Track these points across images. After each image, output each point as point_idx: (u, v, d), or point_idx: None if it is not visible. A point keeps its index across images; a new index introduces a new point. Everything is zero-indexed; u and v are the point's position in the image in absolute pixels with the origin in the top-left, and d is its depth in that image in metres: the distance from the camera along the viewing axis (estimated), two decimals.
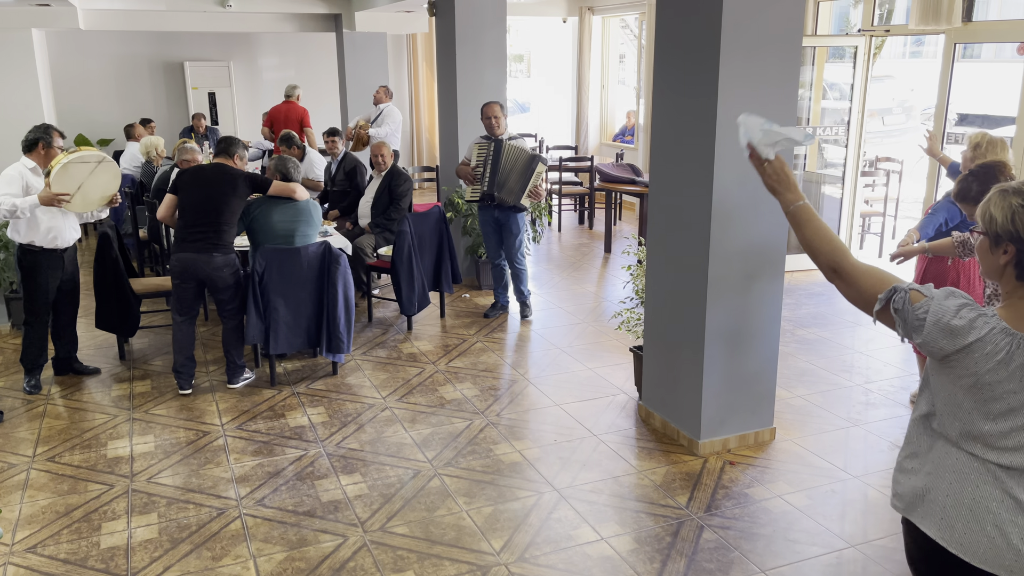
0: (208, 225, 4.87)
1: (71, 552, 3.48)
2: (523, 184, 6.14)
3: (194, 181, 4.95)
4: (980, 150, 4.41)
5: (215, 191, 4.88)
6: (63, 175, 4.74)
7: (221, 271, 4.92)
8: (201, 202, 4.88)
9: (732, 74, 3.80)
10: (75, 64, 11.92)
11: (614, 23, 11.83)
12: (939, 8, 6.53)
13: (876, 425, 4.59)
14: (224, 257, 4.93)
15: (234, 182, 4.94)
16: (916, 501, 2.05)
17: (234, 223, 4.98)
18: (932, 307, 1.91)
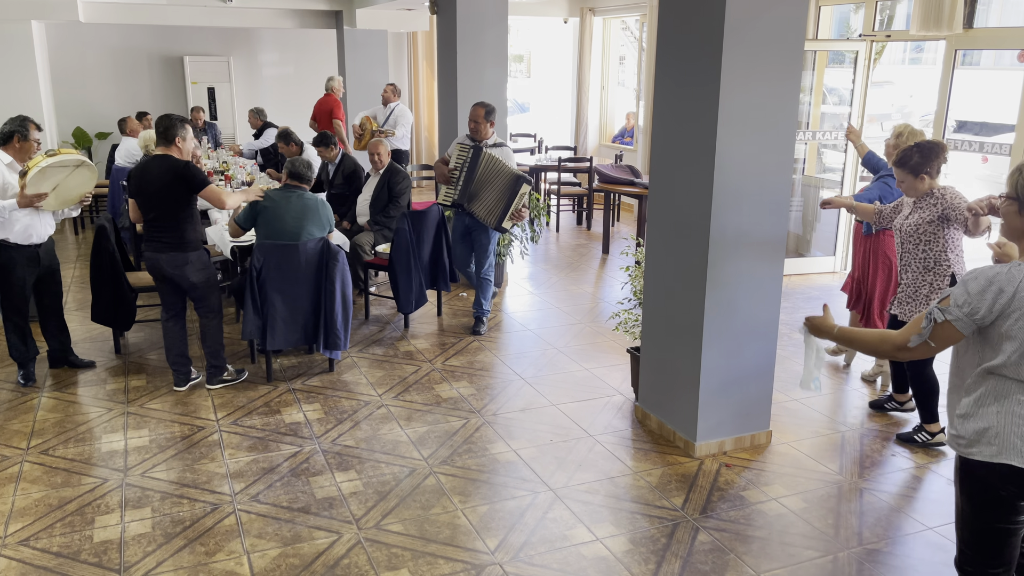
0: (162, 224, 4.69)
1: (64, 545, 3.46)
2: (505, 205, 5.83)
3: (140, 179, 4.71)
4: (902, 138, 4.83)
5: (159, 187, 4.63)
6: (40, 178, 4.69)
7: (183, 270, 4.76)
8: (150, 200, 4.68)
9: (734, 76, 3.79)
10: (74, 57, 11.89)
11: (615, 24, 11.83)
12: (940, 14, 6.53)
13: (872, 429, 4.59)
14: (183, 255, 4.74)
15: (175, 174, 4.62)
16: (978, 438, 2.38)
17: (190, 216, 4.73)
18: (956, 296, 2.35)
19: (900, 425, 4.65)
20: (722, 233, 4.00)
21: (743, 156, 3.94)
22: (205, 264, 4.86)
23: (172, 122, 4.70)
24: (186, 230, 4.73)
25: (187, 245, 4.75)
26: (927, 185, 4.18)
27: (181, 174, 4.62)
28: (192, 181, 4.66)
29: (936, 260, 4.17)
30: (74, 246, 9.10)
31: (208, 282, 4.87)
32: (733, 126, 3.87)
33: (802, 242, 8.17)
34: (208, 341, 5.00)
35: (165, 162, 4.64)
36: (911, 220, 4.25)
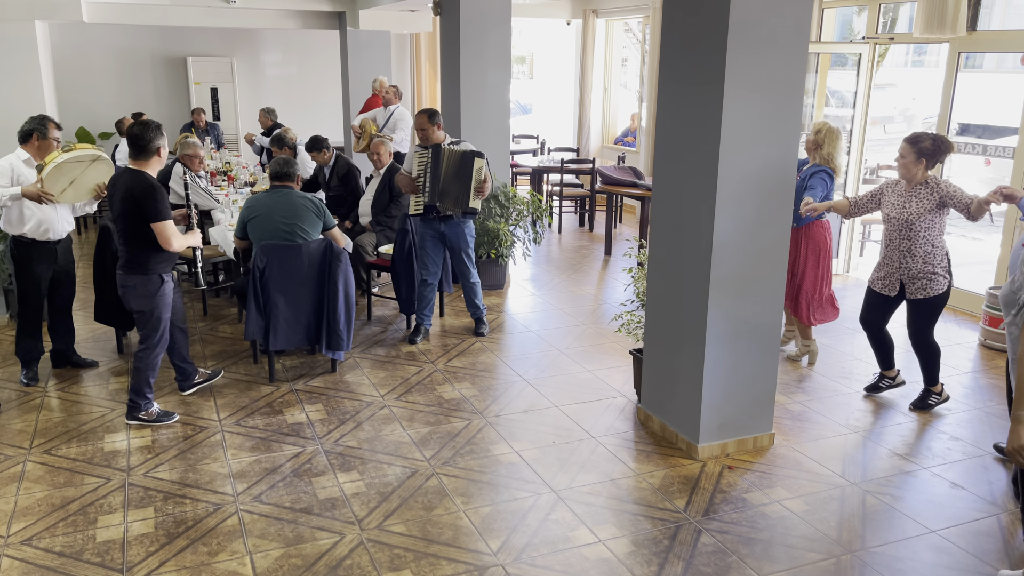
0: (121, 239, 4.41)
1: (66, 545, 3.46)
2: (466, 187, 5.66)
3: (111, 190, 4.44)
4: (820, 135, 5.24)
5: (120, 203, 4.31)
6: (56, 174, 4.71)
7: (124, 291, 4.47)
8: (114, 214, 4.39)
9: (737, 78, 3.79)
10: (77, 57, 11.91)
11: (617, 26, 11.83)
12: (944, 17, 6.53)
13: (875, 432, 4.59)
14: (127, 276, 4.42)
15: (135, 197, 4.24)
16: None
17: (143, 239, 4.34)
18: None
19: (903, 428, 4.65)
20: (725, 235, 4.00)
21: (746, 158, 3.94)
22: (149, 293, 4.43)
23: (151, 133, 4.29)
24: (138, 252, 4.37)
25: (133, 267, 4.40)
26: (922, 174, 4.57)
27: (140, 199, 4.24)
28: (147, 210, 4.26)
29: (934, 243, 4.59)
30: (77, 246, 9.10)
31: (147, 312, 4.47)
32: (736, 128, 3.87)
33: None
34: (134, 373, 4.57)
35: (133, 179, 4.29)
36: (912, 209, 4.57)
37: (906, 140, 4.61)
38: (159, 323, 4.51)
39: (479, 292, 6.12)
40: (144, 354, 4.54)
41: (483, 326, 6.16)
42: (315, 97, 13.17)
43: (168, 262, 4.48)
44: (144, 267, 4.41)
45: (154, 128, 4.32)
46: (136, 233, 4.33)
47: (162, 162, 4.41)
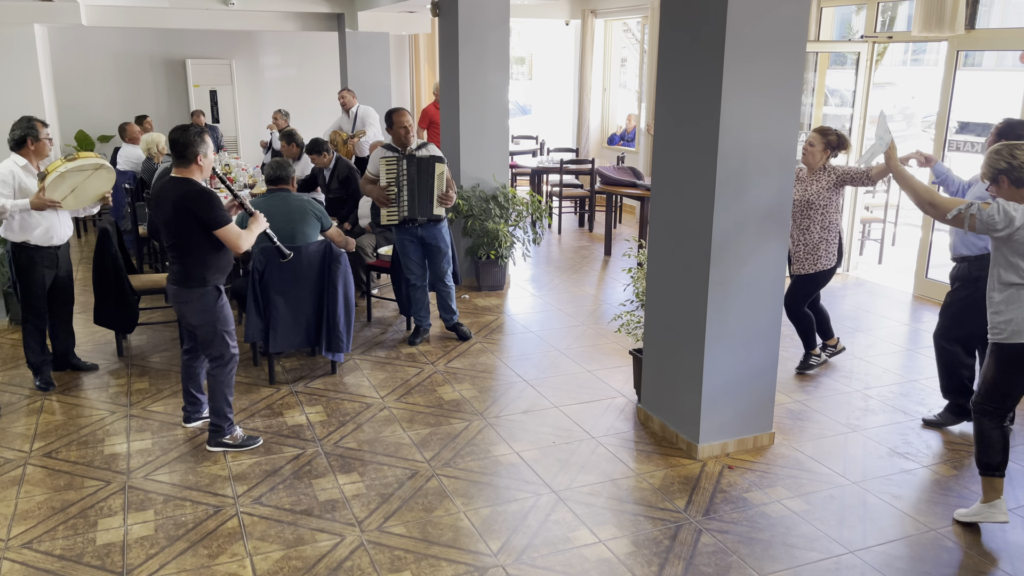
0: (173, 253, 4.13)
1: (67, 548, 3.46)
2: (429, 194, 5.60)
3: (155, 203, 4.18)
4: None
5: (171, 215, 4.03)
6: (59, 181, 4.72)
7: (182, 307, 4.19)
8: (162, 227, 4.11)
9: (736, 77, 3.79)
10: (76, 60, 11.92)
11: (616, 26, 11.84)
12: (942, 15, 6.53)
13: (875, 431, 4.58)
14: (185, 291, 4.13)
15: (188, 206, 3.99)
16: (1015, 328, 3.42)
17: (201, 250, 4.08)
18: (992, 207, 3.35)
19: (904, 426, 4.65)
20: (724, 234, 3.99)
21: (745, 157, 3.94)
22: (207, 307, 4.16)
23: (190, 138, 4.02)
24: (192, 264, 4.10)
25: (191, 280, 4.11)
26: (823, 162, 5.12)
27: (194, 208, 3.98)
28: (206, 218, 4.00)
29: (830, 221, 5.10)
30: (77, 249, 9.11)
31: (210, 326, 4.19)
32: (735, 127, 3.87)
33: None
34: (211, 394, 4.32)
35: (181, 188, 4.02)
36: (811, 190, 5.08)
37: (816, 131, 5.13)
38: (225, 336, 4.23)
39: (453, 296, 6.04)
40: (217, 372, 4.27)
41: (463, 327, 6.09)
42: (315, 99, 13.17)
43: (224, 272, 4.21)
44: (201, 279, 4.12)
45: (195, 133, 4.04)
46: (189, 244, 4.04)
47: (204, 169, 4.11)
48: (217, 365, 4.27)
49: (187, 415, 4.62)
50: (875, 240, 8.66)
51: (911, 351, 5.88)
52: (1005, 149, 3.42)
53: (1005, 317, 3.44)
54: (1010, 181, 3.39)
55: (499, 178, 7.39)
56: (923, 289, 7.12)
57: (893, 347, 5.90)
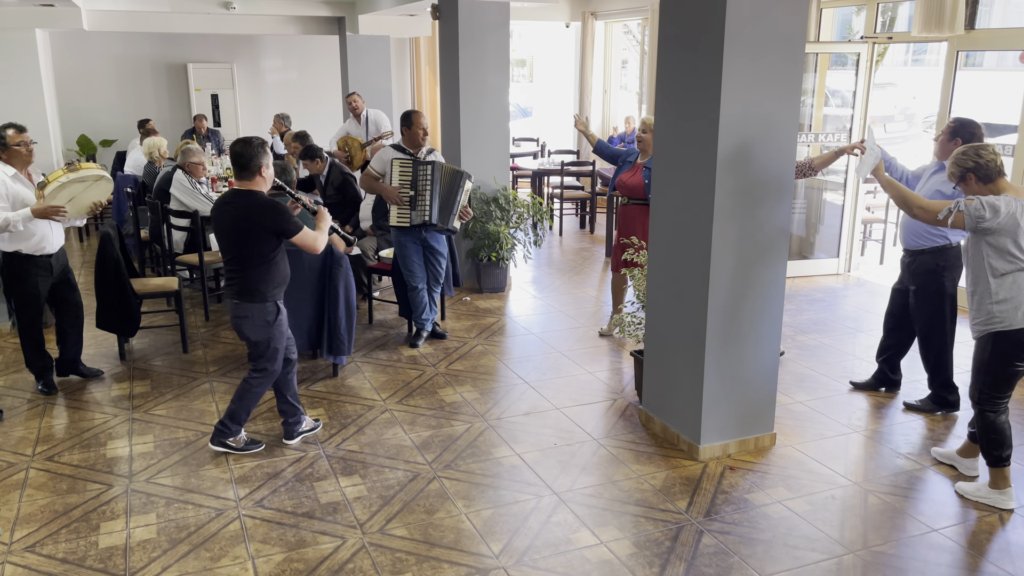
0: (234, 267, 4.08)
1: (69, 551, 3.47)
2: (454, 206, 5.73)
3: (219, 216, 4.08)
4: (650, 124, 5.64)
5: (239, 229, 4.01)
6: (59, 191, 4.70)
7: (239, 322, 4.12)
8: (226, 242, 4.07)
9: (735, 79, 3.80)
10: (78, 65, 11.95)
11: (617, 28, 11.85)
12: (942, 16, 6.53)
13: (876, 432, 4.58)
14: (245, 306, 4.07)
15: (261, 219, 3.96)
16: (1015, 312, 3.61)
17: (266, 264, 4.05)
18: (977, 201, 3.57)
19: (905, 426, 4.64)
20: (724, 236, 4.00)
21: (745, 158, 3.94)
22: (267, 323, 4.12)
23: (253, 151, 3.97)
24: (254, 279, 4.05)
25: (249, 294, 4.07)
26: None
27: (267, 220, 3.96)
28: (282, 228, 3.99)
29: None
30: (79, 253, 9.13)
31: (264, 342, 4.16)
32: (735, 129, 3.87)
33: (805, 244, 8.17)
34: (238, 397, 4.27)
35: (248, 200, 3.98)
36: None
37: None
38: (275, 353, 4.21)
39: (437, 298, 6.10)
40: (254, 381, 4.23)
41: (438, 327, 6.11)
42: (316, 103, 13.20)
43: (282, 287, 4.18)
44: (262, 294, 4.07)
45: (257, 145, 3.98)
46: (253, 258, 4.01)
47: (267, 180, 4.06)
48: (260, 376, 4.24)
49: (291, 430, 4.47)
50: (876, 240, 8.66)
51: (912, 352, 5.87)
52: (971, 150, 3.69)
53: (1009, 304, 3.60)
54: (977, 178, 3.66)
55: (500, 180, 7.40)
56: None
57: None
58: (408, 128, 5.75)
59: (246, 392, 4.25)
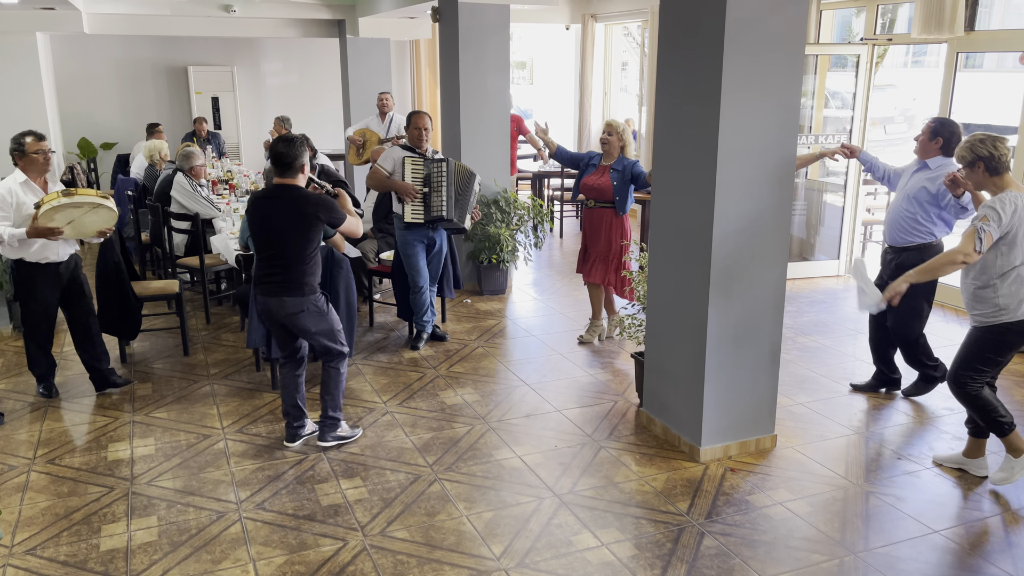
0: (279, 263, 4.12)
1: (70, 554, 3.47)
2: (468, 204, 5.87)
3: (260, 212, 4.13)
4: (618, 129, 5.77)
5: (285, 224, 4.07)
6: (52, 214, 4.54)
7: (296, 317, 4.16)
8: (270, 237, 4.11)
9: (734, 80, 3.80)
10: (79, 68, 11.95)
11: (617, 31, 11.86)
12: (942, 17, 6.54)
13: (877, 433, 4.58)
14: (298, 300, 4.13)
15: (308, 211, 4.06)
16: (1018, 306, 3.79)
17: (314, 256, 4.17)
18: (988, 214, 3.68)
19: (906, 427, 4.64)
20: (725, 238, 4.00)
21: (745, 160, 3.94)
22: (322, 310, 4.23)
23: (296, 150, 4.09)
24: (303, 272, 4.13)
25: (301, 288, 4.13)
26: None
27: (320, 212, 4.08)
28: (332, 219, 4.15)
29: None
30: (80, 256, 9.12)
31: (328, 329, 4.27)
32: (735, 131, 3.87)
33: (806, 246, 8.17)
34: (330, 388, 4.39)
35: (294, 194, 4.08)
36: None
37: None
38: (340, 333, 4.35)
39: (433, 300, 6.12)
40: (338, 365, 4.38)
41: (438, 329, 6.14)
42: (316, 105, 13.21)
43: (320, 275, 4.30)
44: (311, 286, 4.17)
45: (299, 144, 4.12)
46: (304, 251, 4.10)
47: (304, 176, 4.19)
48: (339, 361, 4.38)
49: (294, 433, 4.45)
50: (876, 242, 8.66)
51: None
52: (989, 140, 3.77)
53: (1015, 299, 3.77)
54: (987, 168, 3.77)
55: (500, 182, 7.40)
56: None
57: None
58: (407, 128, 5.86)
59: (336, 379, 4.38)
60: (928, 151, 4.66)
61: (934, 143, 4.63)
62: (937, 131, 4.63)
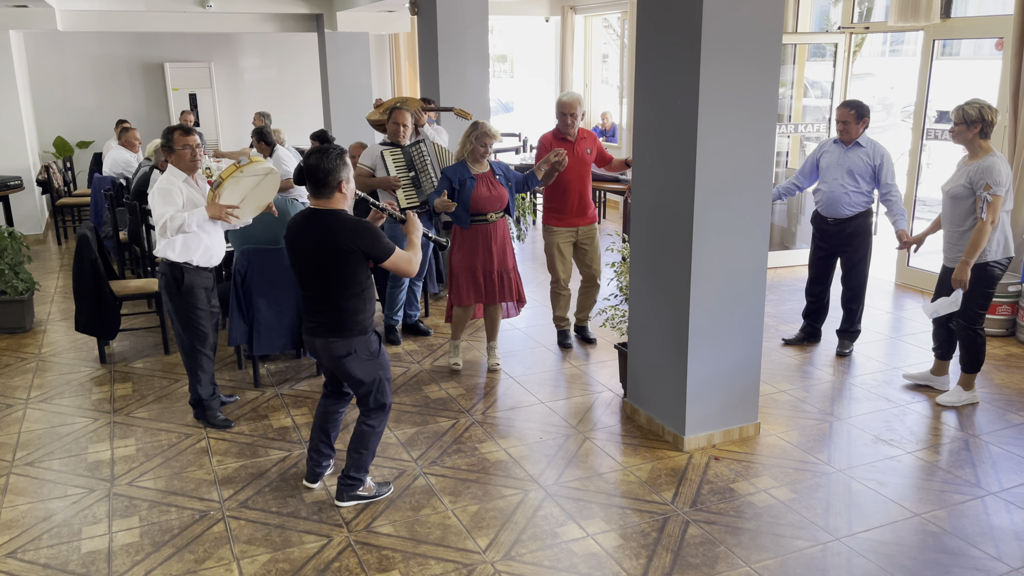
0: (319, 297, 3.55)
1: (51, 556, 3.43)
2: None
3: (297, 244, 3.52)
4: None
5: (322, 257, 3.46)
6: (234, 188, 4.25)
7: (343, 360, 3.56)
8: (307, 272, 3.54)
9: (713, 71, 3.80)
10: (53, 65, 11.81)
11: (597, 22, 11.85)
12: (918, 5, 6.57)
13: (859, 419, 4.61)
14: (346, 342, 3.54)
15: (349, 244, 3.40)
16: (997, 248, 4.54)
17: (361, 292, 3.55)
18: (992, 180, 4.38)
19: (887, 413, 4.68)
20: (705, 227, 4.01)
21: (724, 150, 3.95)
22: (373, 355, 3.61)
23: (331, 163, 3.39)
24: (352, 310, 3.53)
25: (350, 328, 3.54)
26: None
27: (360, 244, 3.41)
28: (375, 252, 3.45)
29: None
30: (57, 256, 9.03)
31: (375, 380, 3.65)
32: (713, 120, 3.88)
33: (787, 235, 8.21)
34: (360, 446, 3.74)
35: (332, 223, 3.41)
36: None
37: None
38: (388, 384, 3.72)
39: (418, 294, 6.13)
40: (377, 422, 3.73)
41: (422, 324, 6.13)
42: (296, 100, 13.12)
43: (373, 311, 3.69)
44: (362, 324, 3.56)
45: (335, 156, 3.40)
46: (347, 285, 3.48)
47: (349, 196, 3.49)
48: (377, 416, 3.73)
49: (317, 473, 3.94)
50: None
51: (894, 339, 5.93)
52: (990, 108, 4.41)
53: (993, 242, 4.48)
54: (981, 130, 4.41)
55: None
56: (905, 277, 7.17)
57: (876, 335, 5.94)
58: (386, 122, 5.86)
59: (369, 436, 3.73)
60: (856, 133, 5.24)
61: (861, 124, 5.22)
62: (862, 113, 5.21)
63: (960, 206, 4.51)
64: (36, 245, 9.56)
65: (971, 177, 4.45)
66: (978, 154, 4.46)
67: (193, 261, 4.39)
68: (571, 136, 5.55)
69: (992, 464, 4.08)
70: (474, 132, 5.00)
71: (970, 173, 4.45)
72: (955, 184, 4.55)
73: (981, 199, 4.36)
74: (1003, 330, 5.92)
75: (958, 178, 4.56)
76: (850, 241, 5.35)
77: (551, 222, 5.78)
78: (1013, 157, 6.01)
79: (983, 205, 4.36)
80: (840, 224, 5.32)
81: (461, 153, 5.09)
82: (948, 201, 4.61)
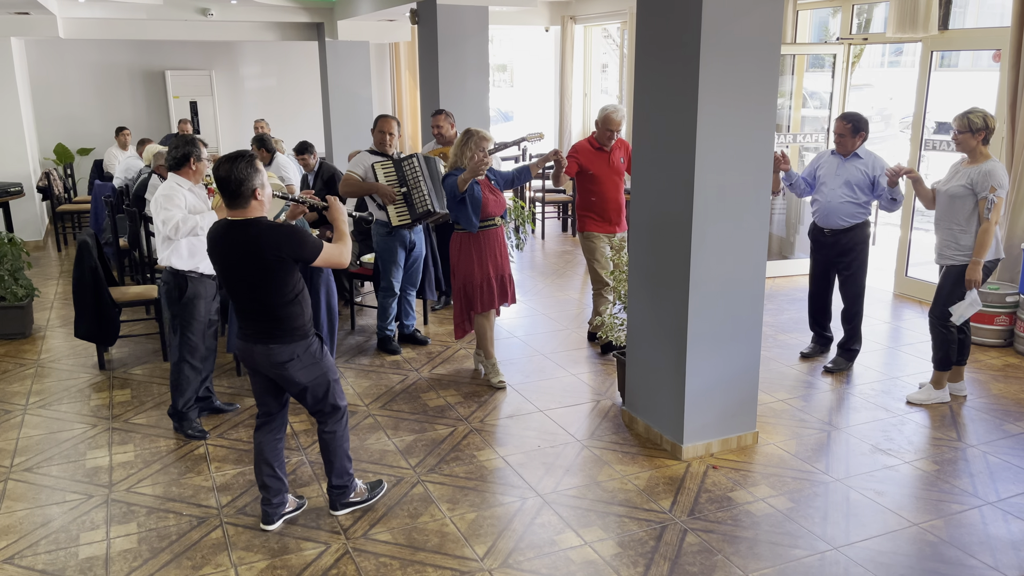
0: (255, 308, 3.42)
1: (49, 562, 3.43)
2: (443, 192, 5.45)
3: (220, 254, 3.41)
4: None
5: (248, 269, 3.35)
6: None
7: (285, 368, 3.45)
8: (236, 284, 3.42)
9: (712, 81, 3.82)
10: (55, 73, 11.85)
11: (596, 32, 11.90)
12: (916, 16, 6.61)
13: (857, 428, 4.62)
14: (286, 347, 3.43)
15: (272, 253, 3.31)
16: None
17: (296, 296, 3.43)
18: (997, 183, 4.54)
19: (885, 423, 4.68)
20: (704, 236, 4.02)
21: (723, 160, 3.97)
22: (316, 359, 3.51)
23: (241, 172, 3.28)
24: (290, 316, 3.42)
25: (289, 334, 3.42)
26: None
27: (286, 251, 3.30)
28: (303, 254, 3.36)
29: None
30: (57, 262, 9.04)
31: (323, 380, 3.54)
32: (712, 130, 3.89)
33: (785, 244, 8.22)
34: (331, 455, 3.69)
35: (251, 233, 3.30)
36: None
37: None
38: (336, 386, 3.62)
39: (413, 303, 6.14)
40: (336, 427, 3.66)
41: (419, 333, 6.14)
42: (296, 109, 13.16)
43: (311, 314, 3.56)
44: (302, 329, 3.45)
45: (245, 165, 3.29)
46: (280, 291, 3.36)
47: (266, 203, 3.38)
48: (334, 421, 3.65)
49: (271, 512, 3.66)
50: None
51: (892, 348, 5.94)
52: (989, 116, 4.58)
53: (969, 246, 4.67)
54: (984, 138, 4.59)
55: None
56: (904, 287, 7.19)
57: (875, 345, 5.95)
58: (373, 129, 5.81)
59: (334, 445, 3.67)
60: (853, 146, 5.25)
61: (858, 138, 5.23)
62: (859, 127, 5.24)
63: (959, 205, 4.65)
64: (36, 251, 9.57)
65: (973, 179, 4.61)
66: (978, 159, 4.63)
67: (200, 268, 4.40)
68: (607, 147, 5.73)
69: (989, 474, 4.08)
70: (471, 140, 4.94)
71: (971, 175, 4.61)
72: (955, 184, 4.69)
73: (987, 200, 4.53)
74: (1001, 340, 5.93)
75: (958, 179, 4.69)
76: (847, 252, 5.38)
77: (592, 228, 5.86)
78: (1011, 166, 6.04)
79: (989, 206, 4.53)
80: (837, 235, 5.34)
81: (457, 164, 4.99)
82: (946, 200, 4.72)
